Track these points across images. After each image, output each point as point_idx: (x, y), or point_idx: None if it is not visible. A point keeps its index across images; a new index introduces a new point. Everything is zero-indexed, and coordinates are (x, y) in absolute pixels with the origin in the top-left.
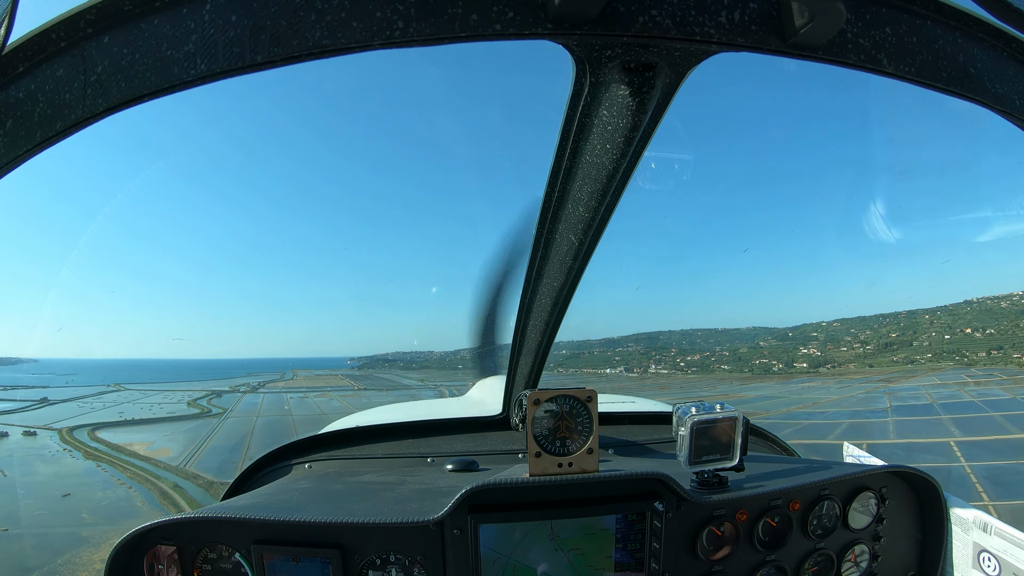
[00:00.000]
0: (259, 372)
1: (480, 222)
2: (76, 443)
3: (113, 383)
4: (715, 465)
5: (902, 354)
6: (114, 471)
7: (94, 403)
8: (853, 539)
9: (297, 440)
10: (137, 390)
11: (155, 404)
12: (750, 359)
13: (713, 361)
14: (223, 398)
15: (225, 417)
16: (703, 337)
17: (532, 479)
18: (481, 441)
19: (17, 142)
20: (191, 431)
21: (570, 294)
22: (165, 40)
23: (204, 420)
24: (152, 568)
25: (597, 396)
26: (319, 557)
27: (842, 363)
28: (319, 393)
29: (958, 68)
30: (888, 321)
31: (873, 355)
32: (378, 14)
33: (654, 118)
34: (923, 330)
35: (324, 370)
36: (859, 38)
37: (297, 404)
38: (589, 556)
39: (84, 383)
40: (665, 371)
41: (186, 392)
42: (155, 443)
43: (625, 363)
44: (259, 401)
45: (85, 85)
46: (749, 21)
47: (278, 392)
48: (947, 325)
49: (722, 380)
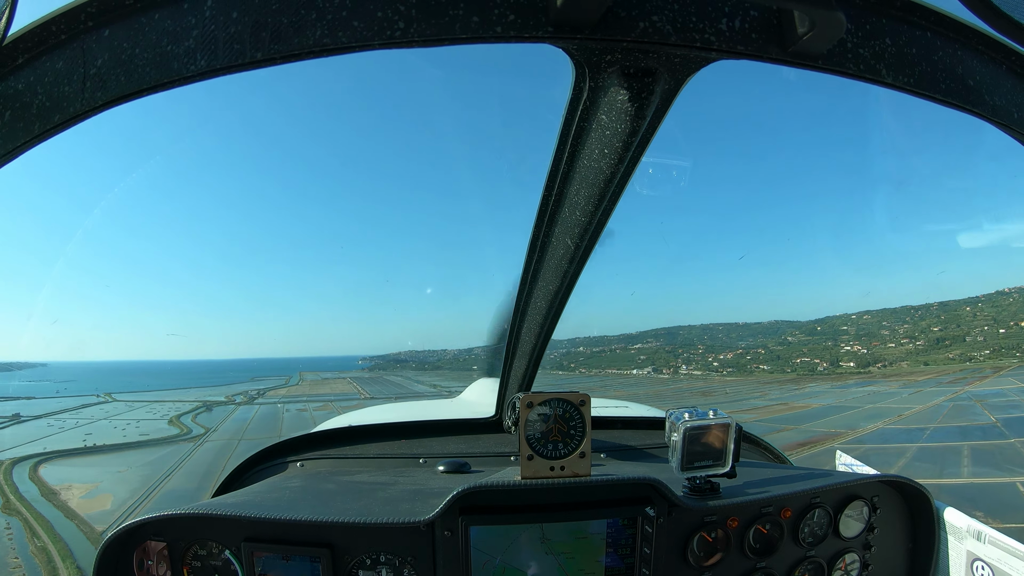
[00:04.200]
0: (265, 376)
1: (479, 222)
2: (3, 486)
3: (104, 393)
4: (707, 471)
5: (957, 350)
6: (21, 538)
7: (69, 420)
8: (844, 547)
9: (289, 438)
10: (126, 401)
11: (134, 421)
12: (788, 357)
13: (749, 360)
14: (213, 412)
15: (203, 441)
16: (724, 332)
17: (524, 482)
18: (473, 443)
19: (15, 133)
20: (155, 463)
21: (565, 297)
22: (166, 35)
23: (177, 446)
24: (142, 564)
25: (590, 400)
26: (309, 556)
27: (893, 361)
28: (320, 405)
29: (956, 79)
30: (921, 313)
31: (925, 352)
32: (379, 14)
33: (653, 124)
34: (967, 323)
35: (333, 372)
36: (859, 48)
37: (292, 420)
38: (579, 560)
39: (76, 392)
40: (699, 372)
41: (177, 403)
42: (100, 484)
43: (652, 363)
44: (250, 416)
45: (84, 78)
46: (749, 29)
47: (276, 403)
48: (992, 317)
49: (766, 383)
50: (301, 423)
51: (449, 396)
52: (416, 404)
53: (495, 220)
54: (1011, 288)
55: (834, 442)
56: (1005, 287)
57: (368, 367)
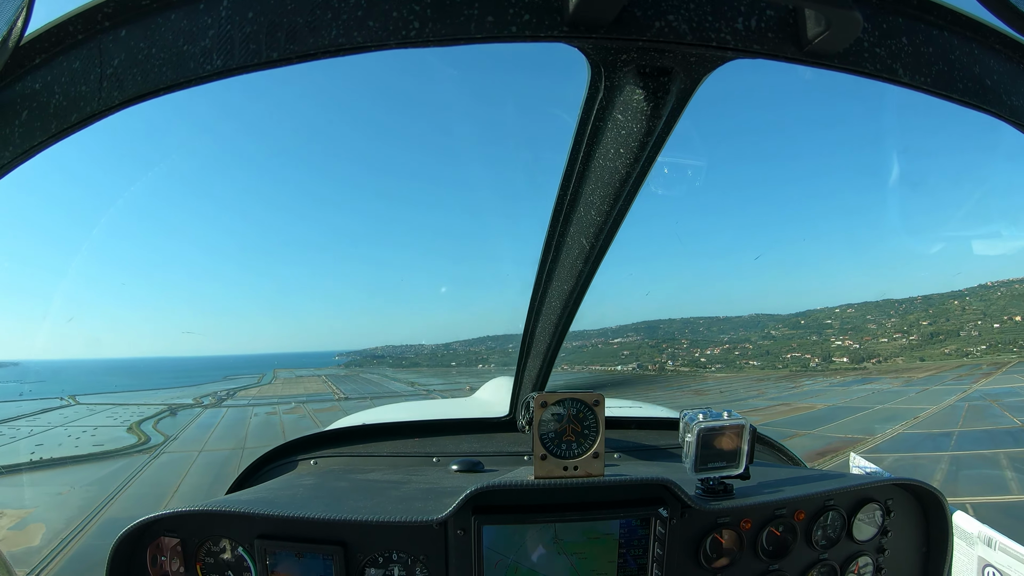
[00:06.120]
0: (239, 374)
1: (489, 215)
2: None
3: (69, 395)
4: (721, 472)
5: (952, 345)
6: None
7: (23, 428)
8: (857, 551)
9: (303, 436)
10: (89, 404)
11: (90, 429)
12: (778, 353)
13: (737, 356)
14: (177, 417)
15: (158, 452)
16: (705, 326)
17: (537, 481)
18: (487, 442)
19: (32, 132)
20: (102, 481)
21: (580, 297)
22: (182, 35)
23: (131, 458)
24: (155, 559)
25: (604, 400)
26: (322, 554)
27: (888, 357)
28: (289, 408)
29: (974, 79)
30: (905, 307)
31: (920, 347)
32: (394, 14)
33: (668, 123)
34: (956, 317)
35: (308, 369)
36: (875, 47)
37: (259, 426)
38: (592, 560)
39: (41, 394)
40: (686, 368)
41: (141, 407)
42: (34, 511)
43: (636, 358)
44: (215, 422)
45: (101, 78)
46: (765, 28)
47: (245, 405)
48: (982, 311)
49: (759, 380)
50: (268, 429)
51: (444, 396)
52: (430, 403)
53: (509, 217)
54: (994, 282)
55: (855, 449)
56: (987, 281)
57: (344, 363)
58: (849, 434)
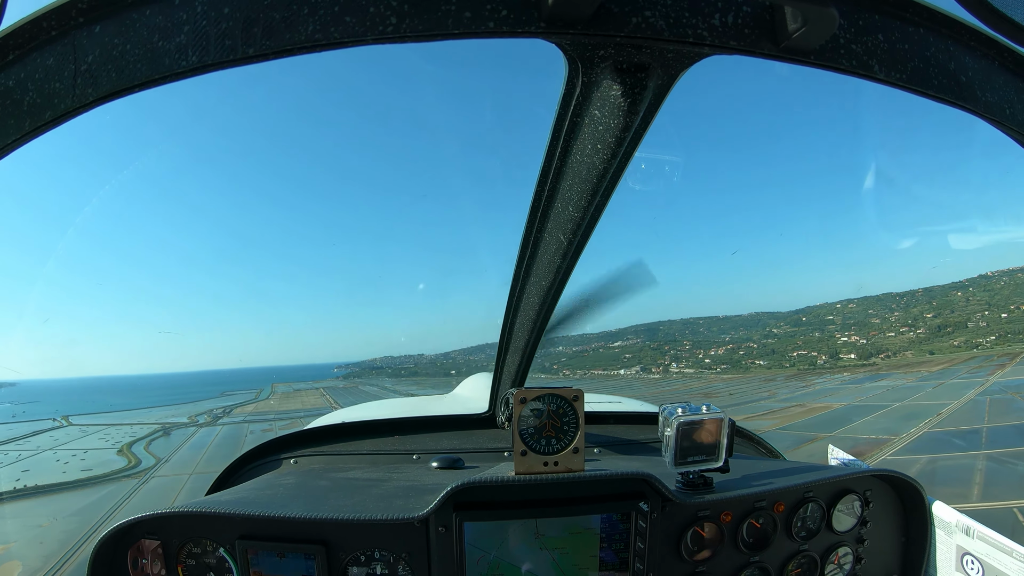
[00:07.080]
0: (236, 390)
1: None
2: None
3: (62, 416)
4: (700, 466)
5: (960, 337)
6: None
7: (12, 452)
8: (837, 541)
9: (283, 435)
10: (81, 426)
11: (80, 452)
12: (783, 351)
13: (742, 356)
14: (171, 437)
15: (148, 477)
16: (706, 326)
17: (517, 477)
18: (467, 439)
19: (6, 131)
20: (86, 511)
21: (558, 293)
22: (157, 31)
23: (119, 484)
24: (136, 562)
25: (583, 395)
26: (304, 553)
27: (897, 351)
28: (287, 423)
29: (949, 76)
30: (907, 300)
31: (928, 340)
32: (371, 9)
33: (645, 119)
34: (961, 308)
35: (306, 382)
36: (851, 44)
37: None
38: (574, 555)
39: (34, 416)
40: (691, 370)
41: (135, 426)
42: (12, 546)
43: (639, 361)
44: (208, 442)
45: (75, 74)
46: (742, 24)
47: (241, 422)
48: (986, 302)
49: (768, 380)
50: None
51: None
52: (409, 400)
53: (487, 218)
54: (994, 271)
55: (883, 452)
56: (987, 271)
57: (343, 375)
58: (873, 434)
